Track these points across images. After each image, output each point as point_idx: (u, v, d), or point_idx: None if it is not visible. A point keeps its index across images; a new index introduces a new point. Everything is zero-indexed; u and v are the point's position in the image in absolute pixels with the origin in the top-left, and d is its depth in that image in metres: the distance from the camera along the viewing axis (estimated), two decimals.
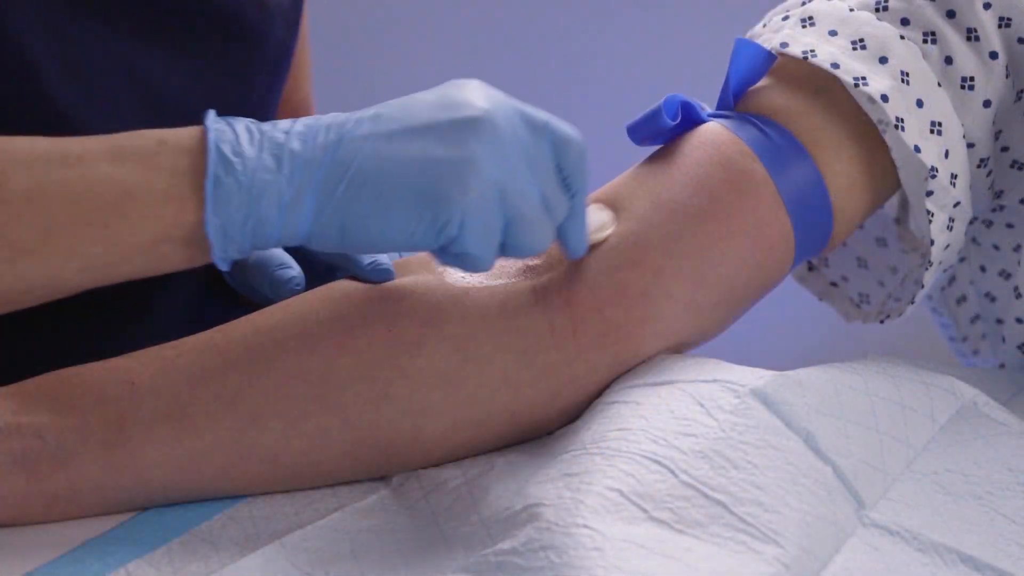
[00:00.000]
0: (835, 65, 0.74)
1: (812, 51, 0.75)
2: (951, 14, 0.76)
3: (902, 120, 0.74)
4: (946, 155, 0.76)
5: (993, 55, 0.76)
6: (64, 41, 0.76)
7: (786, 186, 0.74)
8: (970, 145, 0.78)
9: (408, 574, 0.63)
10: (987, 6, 0.76)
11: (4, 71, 0.74)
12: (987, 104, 0.77)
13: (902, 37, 0.76)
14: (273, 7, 0.86)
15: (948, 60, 0.76)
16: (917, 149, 0.74)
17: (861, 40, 0.75)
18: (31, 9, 0.74)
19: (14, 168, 0.62)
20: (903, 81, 0.75)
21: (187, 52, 0.82)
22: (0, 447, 0.66)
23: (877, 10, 0.77)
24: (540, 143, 0.67)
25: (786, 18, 0.80)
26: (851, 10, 0.77)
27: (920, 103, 0.75)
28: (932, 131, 0.75)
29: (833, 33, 0.76)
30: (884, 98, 0.74)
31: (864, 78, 0.74)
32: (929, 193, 0.75)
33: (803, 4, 0.80)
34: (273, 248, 0.65)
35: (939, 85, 0.76)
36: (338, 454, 0.69)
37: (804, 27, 0.77)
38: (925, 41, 0.76)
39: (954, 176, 0.76)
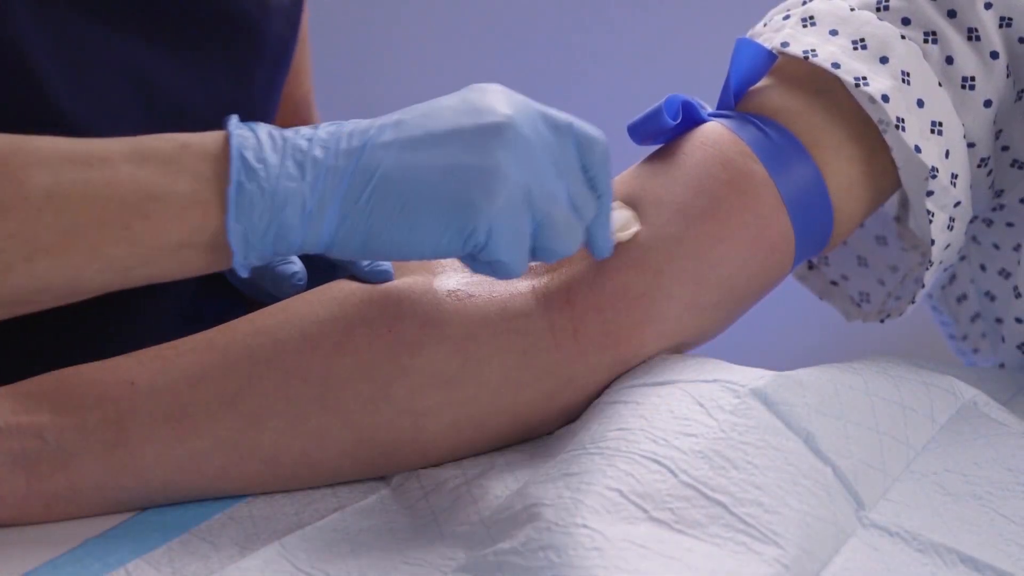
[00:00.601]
0: (836, 65, 0.74)
1: (813, 51, 0.75)
2: (952, 14, 0.76)
3: (903, 120, 0.74)
4: (947, 155, 0.76)
5: (994, 55, 0.76)
6: (64, 41, 0.76)
7: (786, 186, 0.74)
8: (971, 145, 0.78)
9: (408, 574, 0.63)
10: (988, 6, 0.76)
11: (4, 72, 0.74)
12: (988, 104, 0.77)
13: (903, 37, 0.76)
14: (273, 5, 0.86)
15: (949, 60, 0.76)
16: (918, 149, 0.74)
17: (862, 40, 0.75)
18: (30, 10, 0.74)
19: (35, 167, 0.61)
20: (904, 81, 0.74)
21: (187, 51, 0.82)
22: (0, 447, 0.66)
23: (878, 9, 0.77)
24: (565, 144, 0.66)
25: (787, 17, 0.80)
26: (852, 9, 0.77)
27: (921, 103, 0.75)
28: (933, 131, 0.75)
29: (834, 33, 0.76)
30: (885, 98, 0.74)
31: (865, 78, 0.74)
32: (929, 193, 0.75)
33: (804, 3, 0.80)
34: (295, 255, 0.65)
35: (940, 85, 0.76)
36: (338, 454, 0.69)
37: (805, 27, 0.77)
38: (926, 41, 0.76)
39: (954, 176, 0.76)
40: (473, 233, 0.64)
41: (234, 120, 0.64)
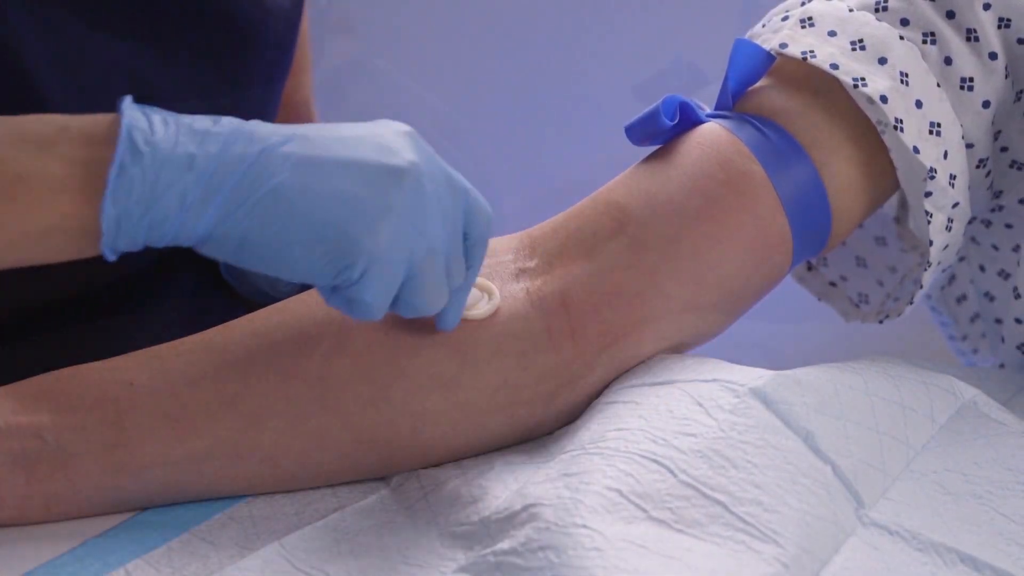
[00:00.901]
0: (834, 66, 0.74)
1: (811, 52, 0.75)
2: (951, 14, 0.76)
3: (901, 121, 0.74)
4: (945, 156, 0.76)
5: (992, 56, 0.76)
6: (60, 43, 0.76)
7: (784, 187, 0.74)
8: (969, 145, 0.78)
9: (408, 574, 0.63)
10: (987, 7, 0.76)
11: (1, 75, 0.74)
12: (986, 105, 0.77)
13: (901, 38, 0.76)
14: (272, 7, 0.86)
15: (947, 60, 0.76)
16: (916, 150, 0.74)
17: (860, 41, 0.75)
18: (26, 11, 0.74)
19: None
20: (902, 82, 0.75)
21: (186, 54, 0.82)
22: (0, 447, 0.66)
23: (877, 10, 0.77)
24: (456, 208, 0.65)
25: (786, 18, 0.80)
26: (851, 10, 0.77)
27: (919, 104, 0.75)
28: (931, 132, 0.75)
29: (832, 34, 0.76)
30: (883, 99, 0.74)
31: (863, 79, 0.74)
32: (928, 194, 0.75)
33: (803, 4, 0.80)
34: (167, 246, 0.62)
35: (938, 86, 0.76)
36: (337, 455, 0.69)
37: (803, 27, 0.77)
38: (924, 41, 0.76)
39: (953, 177, 0.76)
40: (348, 268, 0.62)
41: (127, 101, 0.61)
